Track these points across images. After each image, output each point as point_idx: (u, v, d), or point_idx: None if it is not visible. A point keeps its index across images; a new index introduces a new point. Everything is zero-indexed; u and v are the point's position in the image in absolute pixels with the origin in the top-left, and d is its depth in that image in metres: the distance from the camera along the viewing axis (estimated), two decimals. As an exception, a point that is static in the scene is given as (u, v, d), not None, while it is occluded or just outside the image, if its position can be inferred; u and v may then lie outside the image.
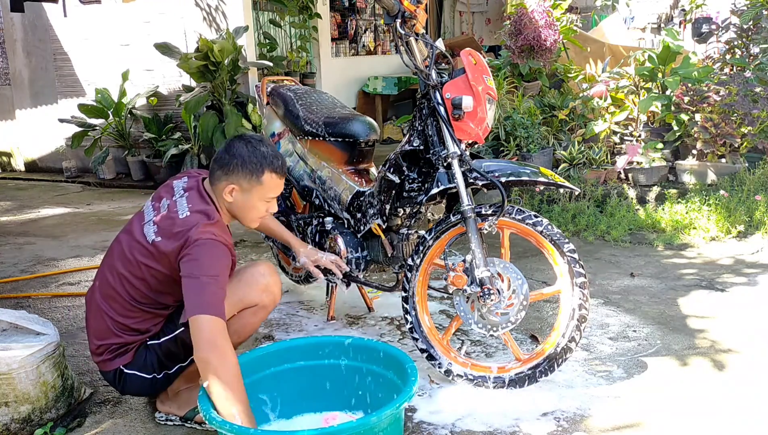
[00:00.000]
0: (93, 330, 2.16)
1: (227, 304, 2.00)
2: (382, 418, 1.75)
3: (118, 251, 2.14)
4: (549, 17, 6.11)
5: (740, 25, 5.75)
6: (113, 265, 2.13)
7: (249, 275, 2.17)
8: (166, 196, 2.16)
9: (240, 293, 2.13)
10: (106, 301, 2.12)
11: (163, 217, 2.07)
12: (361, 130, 2.79)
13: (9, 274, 4.05)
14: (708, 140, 4.82)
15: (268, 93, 3.20)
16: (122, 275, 2.09)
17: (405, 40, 2.34)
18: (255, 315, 2.19)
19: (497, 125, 5.26)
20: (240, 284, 2.15)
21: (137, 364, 2.12)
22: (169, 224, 2.04)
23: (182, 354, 2.12)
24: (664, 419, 2.19)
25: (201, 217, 2.03)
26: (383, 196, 2.59)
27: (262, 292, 2.17)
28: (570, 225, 4.42)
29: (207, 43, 6.04)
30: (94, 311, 2.16)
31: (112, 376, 2.16)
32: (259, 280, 2.17)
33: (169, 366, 2.14)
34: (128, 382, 2.15)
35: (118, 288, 2.10)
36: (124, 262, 2.10)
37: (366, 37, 9.30)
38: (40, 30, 7.76)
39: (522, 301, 2.29)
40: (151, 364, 2.13)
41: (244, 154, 2.07)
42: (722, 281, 3.47)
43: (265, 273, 2.19)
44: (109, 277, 2.13)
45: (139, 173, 7.15)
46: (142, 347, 2.13)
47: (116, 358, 2.13)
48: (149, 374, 2.13)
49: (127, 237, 2.14)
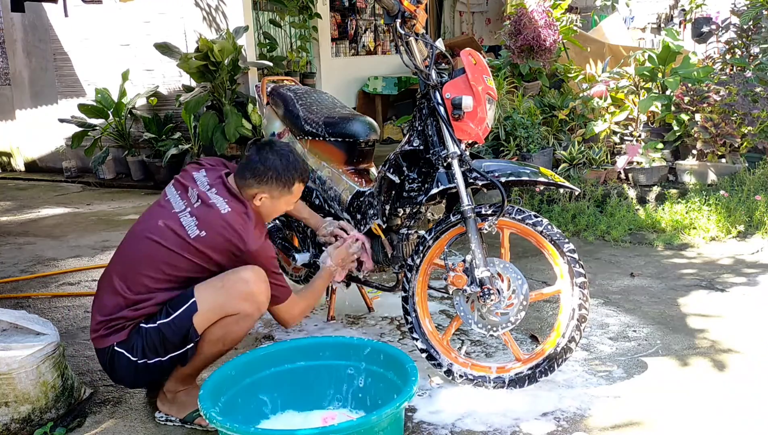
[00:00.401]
0: (98, 306, 2.16)
1: (209, 306, 2.07)
2: (382, 418, 1.75)
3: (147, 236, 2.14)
4: (549, 17, 6.11)
5: (740, 25, 5.75)
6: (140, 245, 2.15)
7: (231, 281, 2.10)
8: (192, 186, 2.21)
9: (220, 299, 2.08)
10: (121, 276, 2.13)
11: (203, 210, 2.13)
12: (361, 130, 2.79)
13: (9, 274, 4.05)
14: (708, 140, 4.82)
15: (268, 93, 3.20)
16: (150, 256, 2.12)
17: (405, 40, 2.34)
18: (237, 324, 2.12)
19: (497, 125, 5.26)
20: (223, 289, 2.09)
21: (128, 344, 2.11)
22: (212, 218, 2.11)
23: (161, 348, 2.10)
24: (664, 419, 2.19)
25: (244, 219, 2.13)
26: (383, 196, 2.59)
27: (243, 301, 2.09)
28: (570, 225, 4.42)
29: (207, 43, 6.04)
30: (105, 285, 2.16)
31: (104, 356, 2.15)
32: (240, 287, 2.09)
33: (148, 356, 2.11)
34: (116, 361, 2.13)
35: (143, 264, 2.11)
36: (153, 245, 2.12)
37: (366, 37, 9.29)
38: (40, 30, 7.76)
39: (522, 301, 2.29)
40: (137, 348, 2.11)
41: (278, 167, 2.18)
42: (722, 281, 3.47)
43: (249, 279, 2.10)
44: (132, 254, 2.15)
45: (139, 173, 7.15)
46: (136, 329, 2.12)
47: (111, 335, 2.11)
48: (134, 357, 2.11)
49: (160, 224, 2.14)
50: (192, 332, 2.08)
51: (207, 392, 1.90)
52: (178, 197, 2.21)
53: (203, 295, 2.08)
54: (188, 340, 2.09)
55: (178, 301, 2.09)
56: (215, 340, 2.12)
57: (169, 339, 2.08)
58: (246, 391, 2.09)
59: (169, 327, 2.07)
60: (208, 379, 1.97)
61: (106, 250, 4.48)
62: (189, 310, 2.07)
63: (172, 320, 2.07)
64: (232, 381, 2.05)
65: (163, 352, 2.11)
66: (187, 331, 2.07)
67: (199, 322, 2.07)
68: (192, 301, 2.07)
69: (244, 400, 2.07)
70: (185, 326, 2.07)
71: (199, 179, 2.23)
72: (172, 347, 2.10)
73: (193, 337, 2.09)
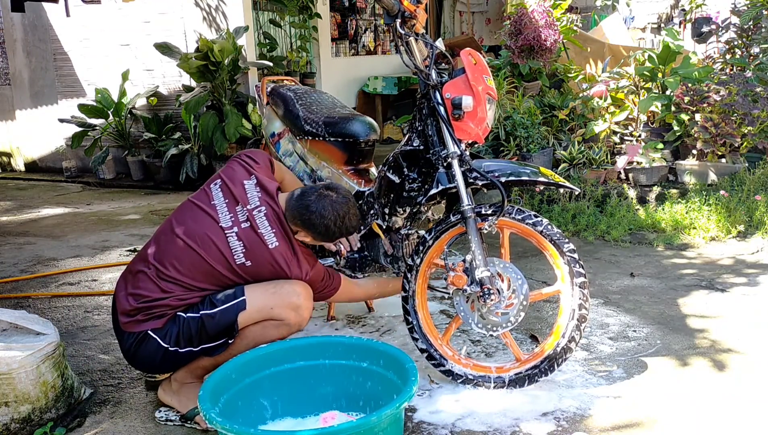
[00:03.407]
0: (133, 290, 2.15)
1: (258, 307, 2.12)
2: (382, 418, 1.75)
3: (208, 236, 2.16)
4: (549, 17, 6.11)
5: (740, 25, 5.76)
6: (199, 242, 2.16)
7: (286, 290, 2.18)
8: (240, 197, 2.21)
9: (272, 302, 2.15)
10: (163, 262, 2.15)
11: (251, 238, 2.16)
12: (361, 130, 2.79)
13: (9, 274, 4.05)
14: (708, 140, 4.82)
15: (268, 93, 3.20)
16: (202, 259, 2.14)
17: (405, 40, 2.34)
18: (277, 329, 2.19)
19: (497, 125, 5.26)
20: (276, 295, 2.16)
21: (163, 330, 2.13)
22: (260, 252, 2.16)
23: (196, 339, 2.13)
24: (664, 419, 2.19)
25: (291, 255, 2.20)
26: (383, 196, 2.59)
27: (292, 311, 2.18)
28: (570, 225, 4.42)
29: (207, 43, 6.04)
30: (144, 270, 2.16)
31: (131, 339, 2.15)
32: (293, 299, 2.18)
33: (181, 344, 2.14)
34: (145, 346, 2.13)
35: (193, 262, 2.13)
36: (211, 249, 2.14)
37: (366, 37, 9.29)
38: (40, 30, 7.76)
39: (522, 301, 2.29)
40: (171, 335, 2.13)
41: (330, 226, 2.21)
42: (722, 281, 3.47)
43: (301, 293, 2.20)
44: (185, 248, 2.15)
45: (139, 173, 7.16)
46: (173, 318, 2.14)
47: (149, 321, 2.12)
48: (165, 343, 2.13)
49: (204, 235, 2.16)
50: (235, 327, 2.13)
51: (207, 393, 1.90)
52: (225, 207, 2.21)
53: (254, 296, 2.14)
54: (227, 334, 2.14)
55: (226, 296, 2.14)
56: (250, 339, 2.17)
57: (208, 330, 2.11)
58: (246, 391, 2.09)
59: (212, 318, 2.11)
60: (208, 380, 1.97)
61: (106, 250, 4.48)
62: (237, 307, 2.12)
63: (217, 313, 2.11)
64: (232, 381, 2.05)
65: (198, 342, 2.14)
66: (228, 326, 2.13)
67: (243, 319, 2.14)
68: (242, 299, 2.13)
69: (244, 402, 2.07)
70: (229, 321, 2.12)
71: (250, 191, 2.24)
72: (207, 338, 2.14)
73: (234, 332, 2.14)
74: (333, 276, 2.38)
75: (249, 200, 2.21)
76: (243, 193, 2.23)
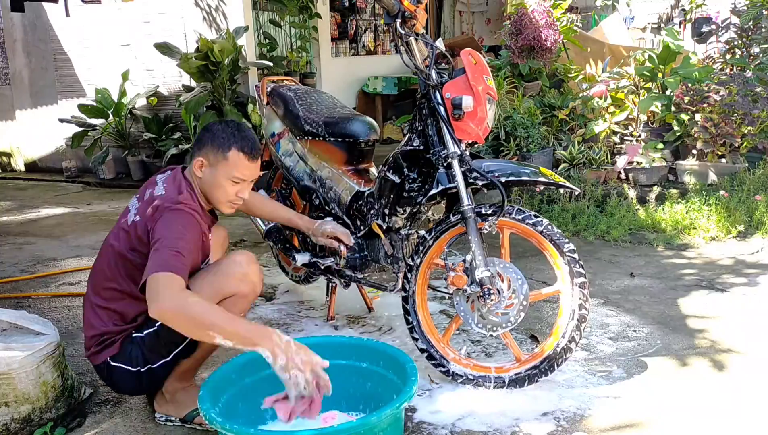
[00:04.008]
0: (86, 324, 2.19)
1: (208, 294, 2.02)
2: (382, 418, 1.75)
3: (107, 243, 2.20)
4: (549, 17, 6.11)
5: (740, 25, 5.76)
6: (102, 254, 2.20)
7: (225, 266, 2.15)
8: (150, 188, 2.21)
9: (216, 285, 2.11)
10: (95, 290, 2.17)
11: (145, 202, 2.15)
12: (361, 130, 2.79)
13: (9, 274, 4.05)
14: (708, 140, 4.82)
15: (268, 93, 3.20)
16: (109, 262, 2.15)
17: (405, 40, 2.34)
18: (235, 305, 2.12)
19: (497, 125, 5.26)
20: (217, 275, 2.13)
21: (123, 356, 2.12)
22: (148, 203, 2.12)
23: (164, 349, 2.12)
24: (664, 419, 2.19)
25: (173, 191, 2.11)
26: (383, 196, 2.59)
27: (239, 282, 2.13)
28: (570, 225, 4.42)
29: (207, 43, 6.04)
30: (87, 304, 2.20)
31: (102, 371, 2.17)
32: (235, 269, 2.13)
33: (152, 360, 2.12)
34: (115, 375, 2.14)
35: (106, 272, 2.15)
36: (110, 249, 2.16)
37: (366, 37, 9.29)
38: (40, 30, 7.76)
39: (522, 301, 2.29)
40: (136, 357, 2.11)
41: (215, 130, 2.17)
42: (722, 281, 3.47)
43: (242, 262, 2.15)
44: (99, 266, 2.19)
45: (139, 173, 7.15)
46: (128, 339, 2.12)
47: (104, 350, 2.13)
48: (134, 367, 2.12)
49: (115, 228, 2.21)
50: None
51: (207, 393, 1.90)
52: (135, 200, 2.22)
53: (198, 284, 2.08)
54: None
55: None
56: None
57: (169, 337, 2.07)
58: (246, 391, 2.09)
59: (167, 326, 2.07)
60: (208, 380, 1.97)
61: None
62: None
63: None
64: (231, 381, 2.05)
65: (167, 352, 2.12)
66: None
67: None
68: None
69: (244, 402, 2.07)
70: None
71: (159, 180, 2.23)
72: (173, 344, 2.11)
73: None
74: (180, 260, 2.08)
75: (157, 184, 2.19)
76: (153, 183, 2.21)
